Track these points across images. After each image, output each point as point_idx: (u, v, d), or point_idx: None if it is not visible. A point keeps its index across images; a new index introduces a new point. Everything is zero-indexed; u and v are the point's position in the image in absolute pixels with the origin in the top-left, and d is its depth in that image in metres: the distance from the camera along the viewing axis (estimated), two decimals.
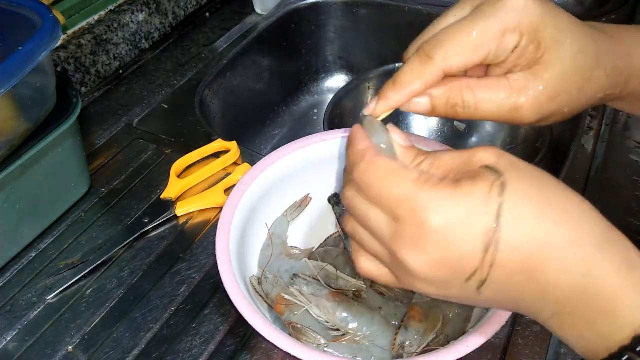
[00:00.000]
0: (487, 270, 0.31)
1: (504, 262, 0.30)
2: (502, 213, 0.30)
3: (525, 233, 0.30)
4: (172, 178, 0.66)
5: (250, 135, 0.95)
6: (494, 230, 0.30)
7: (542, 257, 0.30)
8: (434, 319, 0.48)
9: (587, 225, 0.31)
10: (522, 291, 0.32)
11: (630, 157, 0.68)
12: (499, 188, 0.30)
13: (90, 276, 0.57)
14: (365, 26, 0.99)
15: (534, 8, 0.34)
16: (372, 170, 0.33)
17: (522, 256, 0.30)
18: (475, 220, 0.30)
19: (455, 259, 0.31)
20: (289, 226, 0.58)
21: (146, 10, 0.88)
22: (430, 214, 0.30)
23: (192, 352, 0.51)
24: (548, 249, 0.30)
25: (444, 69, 0.35)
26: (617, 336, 0.30)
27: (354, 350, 0.47)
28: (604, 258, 0.30)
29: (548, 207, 0.31)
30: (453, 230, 0.30)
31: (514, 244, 0.30)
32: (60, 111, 0.59)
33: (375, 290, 0.52)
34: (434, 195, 0.31)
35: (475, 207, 0.30)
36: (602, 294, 0.30)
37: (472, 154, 0.33)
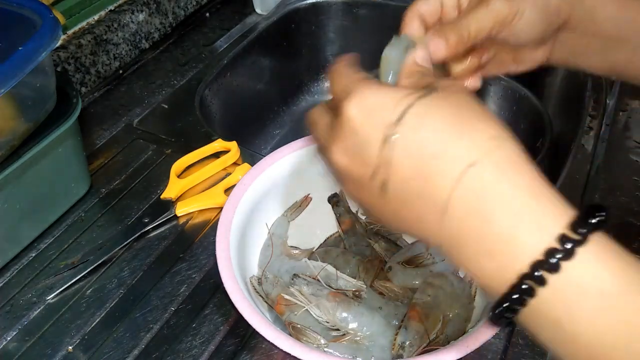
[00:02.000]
0: (385, 168, 0.32)
1: (399, 162, 0.31)
2: (407, 112, 0.31)
3: (423, 136, 0.31)
4: (172, 178, 0.66)
5: (250, 135, 0.95)
6: (394, 123, 0.31)
7: (435, 168, 0.30)
8: (433, 319, 0.48)
9: (490, 146, 0.30)
10: (420, 203, 0.31)
11: (630, 157, 0.68)
12: (418, 95, 0.32)
13: (90, 276, 0.57)
14: (365, 26, 0.99)
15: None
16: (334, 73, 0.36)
17: (415, 161, 0.31)
18: (384, 111, 0.32)
19: (362, 148, 0.33)
20: (289, 226, 0.58)
21: (146, 10, 0.88)
22: (348, 102, 0.33)
23: (192, 352, 0.51)
24: (441, 161, 0.30)
25: None
26: (516, 265, 0.28)
27: (353, 350, 0.47)
28: (502, 181, 0.29)
29: (454, 122, 0.31)
30: (363, 117, 0.32)
31: (409, 144, 0.31)
32: (60, 111, 0.59)
33: (376, 290, 0.52)
34: (360, 87, 0.33)
35: (389, 101, 0.32)
36: (497, 219, 0.29)
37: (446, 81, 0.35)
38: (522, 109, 0.83)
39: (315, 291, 0.50)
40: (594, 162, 0.68)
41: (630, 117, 0.74)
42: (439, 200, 0.30)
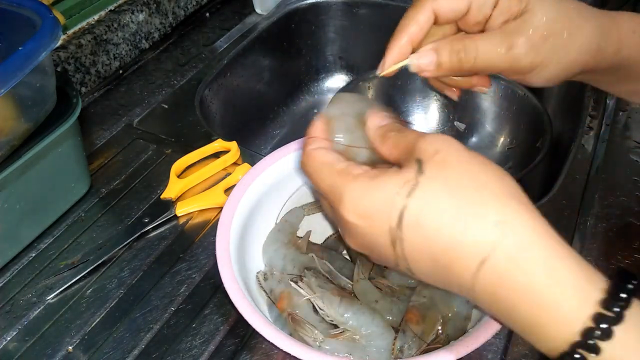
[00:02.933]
0: (405, 263, 0.32)
1: (414, 257, 0.32)
2: (404, 216, 0.31)
3: (427, 235, 0.31)
4: (172, 178, 0.66)
5: (250, 135, 0.95)
6: (396, 227, 0.31)
7: (450, 259, 0.31)
8: (431, 320, 0.48)
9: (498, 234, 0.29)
10: (449, 284, 0.32)
11: (630, 157, 0.68)
12: (410, 188, 0.31)
13: (90, 276, 0.57)
14: (365, 26, 0.99)
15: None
16: (309, 163, 0.36)
17: (429, 255, 0.31)
18: (381, 216, 0.32)
19: (376, 248, 0.33)
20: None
21: (146, 10, 0.88)
22: (343, 208, 0.33)
23: (192, 352, 0.51)
24: (453, 253, 0.30)
25: (434, 8, 0.39)
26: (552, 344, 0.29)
27: (350, 348, 0.47)
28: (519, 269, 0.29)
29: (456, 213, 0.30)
30: (365, 223, 0.32)
31: (417, 243, 0.31)
32: (60, 111, 0.59)
33: (374, 284, 0.52)
34: (349, 189, 0.33)
35: (382, 204, 0.32)
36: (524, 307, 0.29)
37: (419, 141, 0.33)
38: (522, 109, 0.83)
39: (322, 284, 0.50)
40: (594, 162, 0.68)
41: (630, 117, 0.74)
42: (464, 286, 0.31)
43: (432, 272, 0.32)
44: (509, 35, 0.38)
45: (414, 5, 0.40)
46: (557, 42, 0.39)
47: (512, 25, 0.39)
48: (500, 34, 0.39)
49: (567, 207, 0.62)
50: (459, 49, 0.38)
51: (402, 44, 0.40)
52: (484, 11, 0.39)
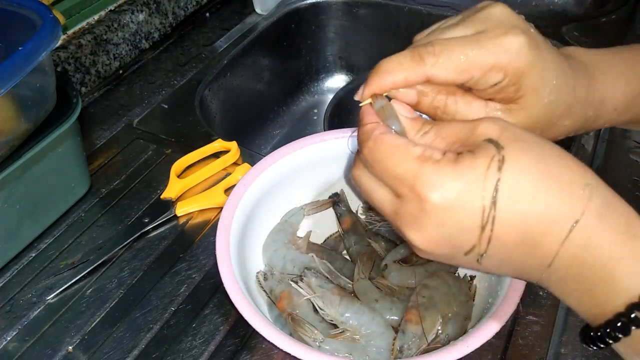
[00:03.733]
0: (485, 246, 0.32)
1: (501, 238, 0.31)
2: (499, 189, 0.30)
3: (522, 208, 0.31)
4: (172, 178, 0.66)
5: (250, 135, 0.95)
6: (490, 207, 0.31)
7: (540, 231, 0.31)
8: (431, 320, 0.48)
9: (587, 196, 0.31)
10: (522, 262, 0.33)
11: (630, 157, 0.68)
12: (497, 163, 0.31)
13: (90, 276, 0.57)
14: (365, 26, 0.99)
15: (525, 55, 0.36)
16: (377, 148, 0.34)
17: (519, 231, 0.31)
18: (472, 198, 0.31)
19: (453, 236, 0.32)
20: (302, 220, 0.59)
21: (146, 10, 0.88)
22: (429, 192, 0.31)
23: (192, 352, 0.51)
24: (546, 223, 0.31)
25: (429, 75, 0.36)
26: (613, 304, 0.30)
27: (349, 348, 0.47)
28: (603, 228, 0.30)
29: (547, 180, 0.31)
30: (451, 208, 0.31)
31: (511, 220, 0.31)
32: (60, 111, 0.59)
33: (374, 284, 0.52)
34: (434, 173, 0.31)
35: (473, 183, 0.31)
36: (599, 263, 0.30)
37: (476, 125, 0.33)
38: None
39: (322, 284, 0.50)
40: (594, 162, 0.68)
41: None
42: (545, 258, 0.32)
43: (511, 251, 0.32)
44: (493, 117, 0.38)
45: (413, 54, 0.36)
46: (545, 129, 0.39)
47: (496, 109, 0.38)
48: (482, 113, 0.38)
49: None
50: (438, 105, 0.38)
51: (383, 86, 0.37)
52: (479, 87, 0.37)
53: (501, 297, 0.45)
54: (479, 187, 0.31)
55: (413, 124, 0.36)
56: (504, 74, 0.36)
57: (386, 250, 0.55)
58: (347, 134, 0.57)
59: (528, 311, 0.52)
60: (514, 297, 0.44)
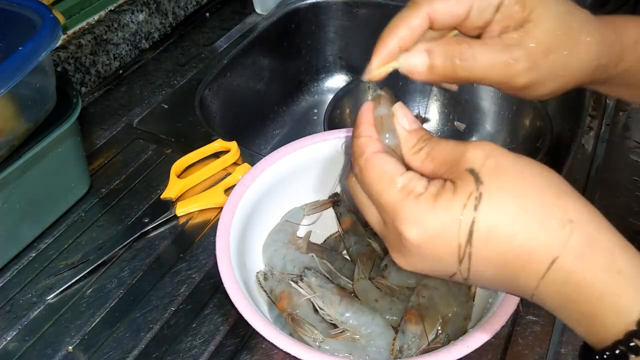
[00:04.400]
0: (466, 274, 0.32)
1: (479, 270, 0.32)
2: (474, 229, 0.31)
3: (498, 246, 0.31)
4: (172, 178, 0.66)
5: (250, 135, 0.95)
6: (466, 245, 0.31)
7: (518, 267, 0.31)
8: (431, 320, 0.48)
9: (566, 234, 0.30)
10: (508, 288, 0.33)
11: (630, 157, 0.68)
12: (474, 201, 0.31)
13: (90, 276, 0.57)
14: (365, 26, 0.99)
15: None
16: (367, 168, 0.34)
17: (497, 266, 0.31)
18: (449, 235, 0.31)
19: (434, 266, 0.33)
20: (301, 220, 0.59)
21: (146, 10, 0.88)
22: (406, 228, 0.32)
23: (192, 352, 0.51)
24: (523, 260, 0.31)
25: (429, 13, 0.36)
26: (602, 336, 0.30)
27: (349, 348, 0.47)
28: (584, 266, 0.30)
29: (524, 218, 0.30)
30: (428, 244, 0.32)
31: (487, 256, 0.31)
32: (60, 111, 0.59)
33: (374, 284, 0.52)
34: (413, 209, 0.32)
35: (450, 223, 0.31)
36: (582, 298, 0.30)
37: (464, 151, 0.33)
38: (522, 109, 0.83)
39: (322, 284, 0.50)
40: (594, 162, 0.68)
41: (630, 117, 0.74)
42: (526, 291, 0.32)
43: (493, 280, 0.33)
44: (509, 47, 0.36)
45: (407, 6, 0.37)
46: (558, 58, 0.37)
47: (513, 36, 0.36)
48: (501, 45, 0.36)
49: None
50: (453, 54, 0.36)
51: (390, 48, 0.36)
52: (484, 16, 0.36)
53: (501, 297, 0.45)
54: (455, 227, 0.31)
55: (409, 138, 0.35)
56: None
57: (386, 250, 0.55)
58: (347, 134, 0.57)
59: (528, 311, 0.52)
60: (514, 297, 0.44)
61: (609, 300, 0.30)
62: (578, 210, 0.31)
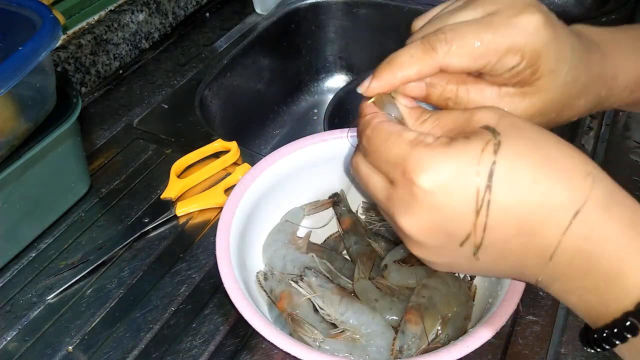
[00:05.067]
0: (481, 235, 0.30)
1: (498, 225, 0.30)
2: (494, 172, 0.29)
3: (520, 193, 0.29)
4: (172, 178, 0.66)
5: (250, 135, 0.95)
6: (485, 190, 0.29)
7: (540, 219, 0.29)
8: (431, 320, 0.48)
9: (589, 185, 0.29)
10: (520, 256, 0.31)
11: (630, 157, 0.68)
12: (493, 146, 0.29)
13: (90, 276, 0.57)
14: (365, 26, 0.99)
15: (542, 34, 0.34)
16: (375, 135, 0.33)
17: (517, 218, 0.29)
18: (466, 180, 0.29)
19: (447, 222, 0.30)
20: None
21: (146, 10, 0.88)
22: (419, 174, 0.30)
23: (192, 352, 0.51)
24: (545, 211, 0.29)
25: (442, 65, 0.35)
26: (621, 302, 0.29)
27: (349, 348, 0.47)
28: (608, 220, 0.29)
29: (546, 166, 0.29)
30: (443, 191, 0.30)
31: (507, 206, 0.29)
32: (60, 111, 0.59)
33: (374, 284, 0.52)
34: (426, 155, 0.30)
35: (467, 166, 0.29)
36: (606, 257, 0.29)
37: (473, 113, 0.32)
38: None
39: (322, 283, 0.50)
40: None
41: (630, 117, 0.74)
42: (546, 250, 0.30)
43: (509, 242, 0.30)
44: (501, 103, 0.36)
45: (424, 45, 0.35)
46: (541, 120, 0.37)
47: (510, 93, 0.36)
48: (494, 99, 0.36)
49: None
50: (449, 97, 0.36)
51: (393, 80, 0.35)
52: (496, 72, 0.35)
53: (501, 297, 0.45)
54: (473, 170, 0.29)
55: (412, 112, 0.35)
56: (521, 56, 0.34)
57: (386, 250, 0.55)
58: (347, 133, 0.57)
59: (528, 311, 0.52)
60: (514, 297, 0.44)
61: (634, 259, 0.28)
62: (597, 167, 0.30)
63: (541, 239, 0.29)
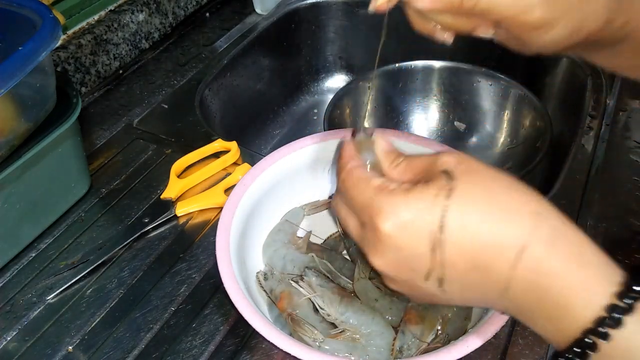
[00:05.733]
0: (440, 270, 0.33)
1: (454, 261, 0.32)
2: (446, 215, 0.32)
3: (471, 232, 0.32)
4: (172, 178, 0.66)
5: (250, 135, 0.95)
6: (438, 231, 0.32)
7: (491, 256, 0.32)
8: (430, 320, 0.48)
9: (533, 224, 0.32)
10: (481, 288, 0.33)
11: (630, 157, 0.68)
12: (446, 192, 0.32)
13: (90, 276, 0.57)
14: (365, 26, 0.99)
15: None
16: (347, 179, 0.37)
17: (471, 255, 0.32)
18: (422, 223, 0.32)
19: (410, 259, 0.33)
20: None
21: (146, 10, 0.88)
22: (381, 219, 0.33)
23: (192, 352, 0.51)
24: (495, 248, 0.32)
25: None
26: (572, 330, 0.31)
27: (349, 348, 0.47)
28: (553, 254, 0.31)
29: (494, 208, 0.32)
30: (403, 232, 0.33)
31: (459, 244, 0.32)
32: (60, 111, 0.59)
33: (374, 284, 0.52)
34: (387, 202, 0.33)
35: (423, 210, 0.32)
36: (554, 289, 0.31)
37: (437, 158, 0.35)
38: (522, 109, 0.83)
39: (322, 283, 0.50)
40: (594, 162, 0.68)
41: (630, 117, 0.74)
42: (500, 283, 0.32)
43: (467, 276, 0.33)
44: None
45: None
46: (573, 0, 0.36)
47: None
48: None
49: (567, 207, 0.62)
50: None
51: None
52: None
53: None
54: (428, 214, 0.32)
55: (387, 156, 0.38)
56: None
57: None
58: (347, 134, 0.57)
59: None
60: None
61: (577, 291, 0.31)
62: (544, 206, 0.33)
63: (494, 274, 0.32)
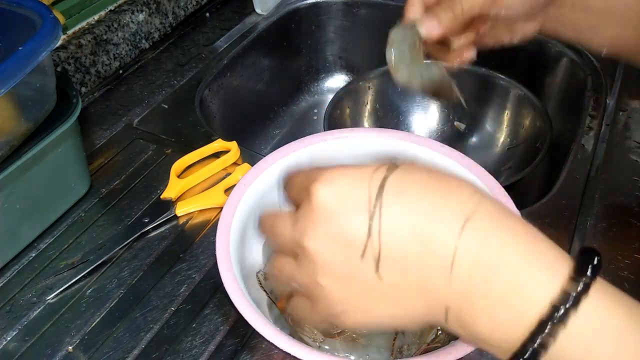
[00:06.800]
0: (378, 240, 0.31)
1: (392, 231, 0.31)
2: (386, 183, 0.31)
3: (412, 202, 0.31)
4: (172, 178, 0.66)
5: (250, 135, 0.95)
6: (377, 197, 0.31)
7: (433, 226, 0.30)
8: None
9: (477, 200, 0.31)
10: (422, 267, 0.31)
11: (630, 157, 0.68)
12: (388, 166, 0.32)
13: (90, 276, 0.57)
14: (365, 26, 0.99)
15: None
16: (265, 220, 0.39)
17: (411, 225, 0.30)
18: (360, 189, 0.31)
19: (345, 230, 0.31)
20: None
21: (146, 10, 0.88)
22: (318, 187, 0.32)
23: (192, 352, 0.51)
24: (438, 220, 0.30)
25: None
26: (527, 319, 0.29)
27: (349, 348, 0.47)
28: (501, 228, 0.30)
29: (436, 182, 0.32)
30: (339, 202, 0.32)
31: (400, 212, 0.31)
32: (60, 111, 0.59)
33: None
34: (325, 172, 0.33)
35: (361, 178, 0.32)
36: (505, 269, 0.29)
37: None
38: (522, 109, 0.83)
39: None
40: (594, 162, 0.68)
41: (630, 117, 0.74)
42: (444, 258, 0.30)
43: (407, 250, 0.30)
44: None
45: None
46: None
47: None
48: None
49: (567, 207, 0.62)
50: (450, 5, 0.46)
51: (417, 5, 0.49)
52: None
53: None
54: (366, 181, 0.31)
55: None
56: None
57: None
58: (347, 134, 0.57)
59: None
60: None
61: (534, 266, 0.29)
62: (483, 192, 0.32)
63: (438, 246, 0.30)
